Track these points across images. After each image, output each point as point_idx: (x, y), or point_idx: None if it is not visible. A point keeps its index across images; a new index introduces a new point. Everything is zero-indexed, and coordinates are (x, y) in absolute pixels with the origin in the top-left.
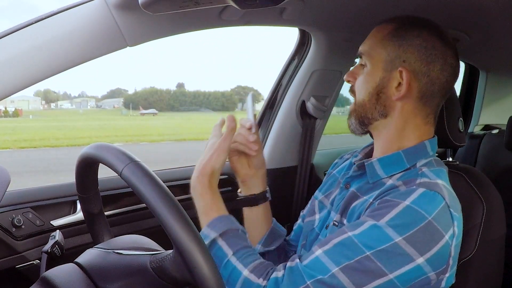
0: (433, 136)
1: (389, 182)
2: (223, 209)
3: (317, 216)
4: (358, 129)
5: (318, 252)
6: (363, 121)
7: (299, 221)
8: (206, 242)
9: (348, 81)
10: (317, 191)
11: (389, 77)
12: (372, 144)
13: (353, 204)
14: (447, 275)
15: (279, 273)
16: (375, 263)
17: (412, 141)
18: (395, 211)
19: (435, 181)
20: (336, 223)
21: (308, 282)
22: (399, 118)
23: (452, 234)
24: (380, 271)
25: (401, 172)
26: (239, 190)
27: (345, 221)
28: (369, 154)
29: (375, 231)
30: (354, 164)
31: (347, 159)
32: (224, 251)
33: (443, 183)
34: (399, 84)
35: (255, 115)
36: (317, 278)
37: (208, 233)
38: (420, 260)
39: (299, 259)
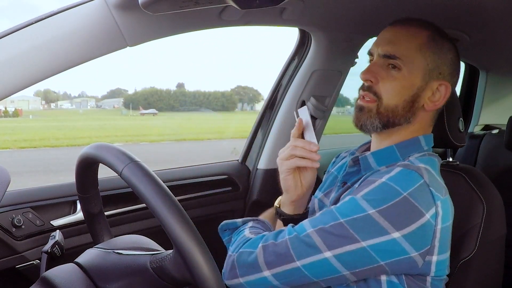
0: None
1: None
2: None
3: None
4: (376, 130)
5: (304, 221)
6: (387, 125)
7: None
8: (238, 224)
9: (367, 80)
10: (317, 190)
11: (425, 86)
12: (368, 142)
13: (343, 194)
14: (434, 257)
15: (267, 234)
16: (347, 230)
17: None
18: (372, 186)
19: (417, 165)
20: None
21: (287, 237)
22: (417, 124)
23: (434, 214)
24: (352, 237)
25: (393, 165)
26: (277, 204)
27: None
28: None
29: (351, 203)
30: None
31: (344, 157)
32: (247, 226)
33: (426, 167)
34: (432, 94)
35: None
36: (294, 234)
37: (240, 220)
38: (396, 235)
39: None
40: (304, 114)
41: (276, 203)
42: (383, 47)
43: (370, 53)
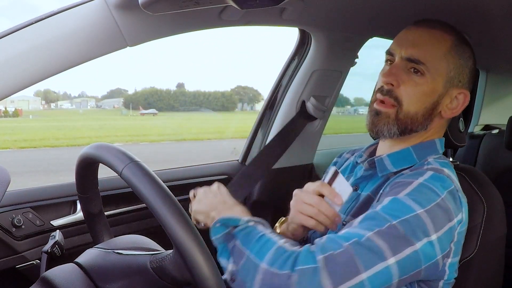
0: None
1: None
2: None
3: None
4: (392, 136)
5: (345, 230)
6: (404, 132)
7: None
8: (241, 223)
9: (388, 84)
10: None
11: (445, 93)
12: (375, 143)
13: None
14: (449, 260)
15: (311, 246)
16: (402, 232)
17: None
18: (411, 187)
19: (442, 169)
20: (345, 223)
21: (345, 244)
22: (431, 130)
23: (460, 219)
24: (408, 240)
25: (410, 167)
26: (278, 231)
27: None
28: (373, 153)
29: (396, 203)
30: (358, 163)
31: (348, 158)
32: (259, 229)
33: (449, 173)
34: (449, 101)
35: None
36: (354, 240)
37: (245, 218)
38: (434, 237)
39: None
40: (346, 190)
41: (277, 230)
42: (407, 49)
43: (389, 53)
